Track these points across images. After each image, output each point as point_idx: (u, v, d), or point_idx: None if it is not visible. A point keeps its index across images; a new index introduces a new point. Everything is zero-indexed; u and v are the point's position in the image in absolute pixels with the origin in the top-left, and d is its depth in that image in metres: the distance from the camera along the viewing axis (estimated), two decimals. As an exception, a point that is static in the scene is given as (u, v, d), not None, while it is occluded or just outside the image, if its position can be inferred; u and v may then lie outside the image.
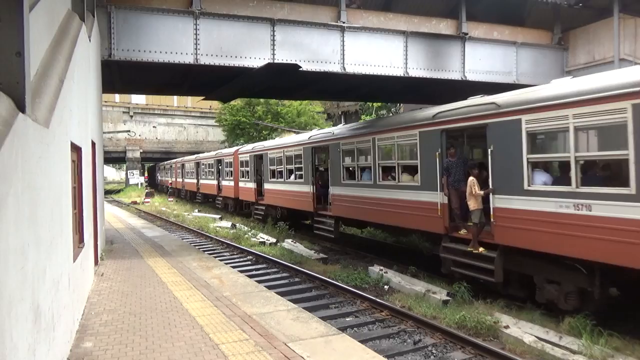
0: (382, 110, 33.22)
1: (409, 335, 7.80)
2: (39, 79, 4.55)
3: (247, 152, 24.14)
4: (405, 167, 11.87)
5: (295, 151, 18.06)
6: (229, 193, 27.14)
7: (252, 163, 22.79)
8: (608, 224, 6.87)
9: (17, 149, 3.17)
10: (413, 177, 11.49)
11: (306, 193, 16.77)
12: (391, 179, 12.30)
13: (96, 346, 5.57)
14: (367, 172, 13.36)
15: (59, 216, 4.93)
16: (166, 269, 10.23)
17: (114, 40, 11.82)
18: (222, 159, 28.69)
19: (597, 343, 6.72)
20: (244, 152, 24.72)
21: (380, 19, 14.27)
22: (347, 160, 14.61)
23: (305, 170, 17.02)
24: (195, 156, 38.52)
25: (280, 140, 22.07)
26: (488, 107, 8.99)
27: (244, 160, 24.47)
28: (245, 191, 24.14)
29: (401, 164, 11.88)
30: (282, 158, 19.26)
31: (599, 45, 15.43)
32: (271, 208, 21.04)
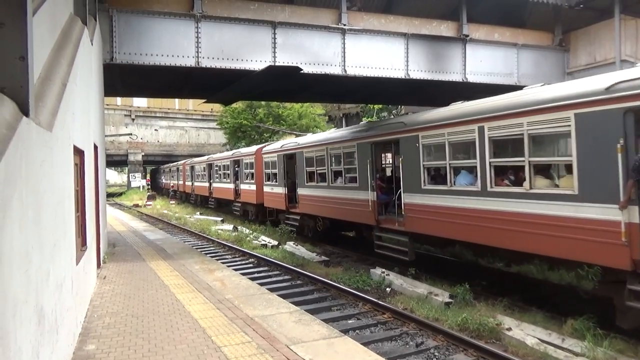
0: (383, 112, 33.25)
1: (411, 337, 7.80)
2: (42, 82, 4.58)
3: (274, 152, 20.49)
4: (541, 168, 8.40)
5: (347, 148, 14.19)
6: (249, 198, 23.71)
7: (282, 164, 19.17)
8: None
9: (21, 153, 3.19)
10: (555, 181, 8.39)
11: (363, 201, 13.27)
12: (513, 184, 8.81)
13: (99, 349, 5.58)
14: (466, 175, 9.80)
15: (62, 219, 4.94)
16: (168, 272, 10.24)
17: (115, 43, 11.87)
18: (241, 160, 25.06)
19: (601, 345, 6.71)
20: (270, 152, 20.95)
21: (381, 21, 14.31)
22: (430, 159, 10.82)
23: (361, 172, 13.33)
24: (207, 157, 35.26)
25: (321, 135, 17.95)
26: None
27: (270, 161, 20.79)
28: (272, 197, 20.56)
29: (535, 162, 8.19)
30: (324, 157, 15.53)
31: (600, 46, 15.44)
32: (308, 218, 17.64)
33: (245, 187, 24.27)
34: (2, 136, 2.85)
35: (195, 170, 37.37)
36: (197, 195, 37.52)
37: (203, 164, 34.46)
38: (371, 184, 12.88)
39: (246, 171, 24.14)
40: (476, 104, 9.73)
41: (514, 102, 8.59)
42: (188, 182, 40.67)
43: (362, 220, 13.61)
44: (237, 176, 25.74)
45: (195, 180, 37.43)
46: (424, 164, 10.67)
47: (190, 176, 39.64)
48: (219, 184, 29.89)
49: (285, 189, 18.97)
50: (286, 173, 18.99)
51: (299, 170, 17.72)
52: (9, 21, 3.28)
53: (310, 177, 16.88)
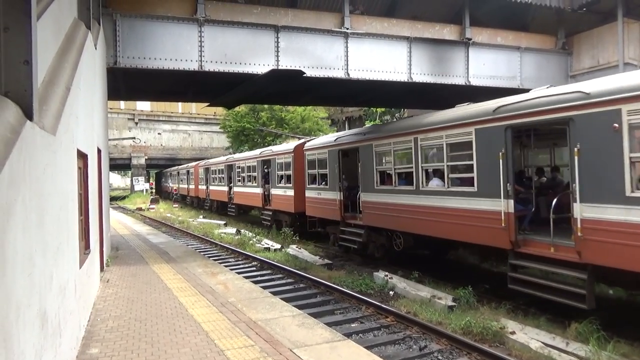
0: (385, 115, 33.26)
1: (414, 341, 7.77)
2: (46, 86, 4.60)
3: (323, 147, 16.44)
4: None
5: (459, 137, 10.07)
6: (283, 206, 19.94)
7: (335, 162, 15.21)
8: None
9: (25, 156, 3.20)
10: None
11: (488, 213, 9.23)
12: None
13: (102, 352, 5.58)
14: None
15: (66, 223, 4.96)
16: (171, 275, 10.25)
17: (119, 47, 11.92)
18: (273, 159, 21.17)
19: (605, 349, 6.67)
20: (318, 147, 16.89)
21: (383, 25, 14.32)
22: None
23: (491, 172, 9.18)
24: (226, 157, 31.57)
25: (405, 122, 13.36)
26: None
27: (317, 159, 16.91)
28: (319, 204, 16.56)
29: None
30: (411, 151, 11.46)
31: (603, 49, 15.42)
32: (376, 234, 13.59)
33: (279, 192, 20.31)
34: (6, 140, 2.86)
35: (211, 173, 33.49)
36: (214, 200, 33.52)
37: (221, 165, 30.71)
38: (507, 189, 8.88)
39: (280, 172, 20.20)
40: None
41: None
42: (202, 186, 36.61)
43: (487, 240, 9.49)
44: (267, 179, 22.07)
45: (211, 184, 33.47)
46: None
47: (204, 179, 35.75)
48: (241, 188, 26.00)
49: (340, 194, 14.89)
50: (341, 175, 15.06)
51: (365, 169, 13.61)
52: (14, 25, 3.31)
53: (382, 179, 13.03)
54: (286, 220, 20.18)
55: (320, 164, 16.63)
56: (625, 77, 7.41)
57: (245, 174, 25.24)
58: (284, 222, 20.35)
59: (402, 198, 11.96)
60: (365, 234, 13.86)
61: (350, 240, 14.63)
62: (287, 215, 19.98)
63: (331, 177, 15.64)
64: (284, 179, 19.87)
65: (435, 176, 11.16)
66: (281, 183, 20.10)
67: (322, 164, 16.49)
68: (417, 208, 11.41)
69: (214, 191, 32.82)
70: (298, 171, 18.53)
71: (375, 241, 13.82)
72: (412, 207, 11.59)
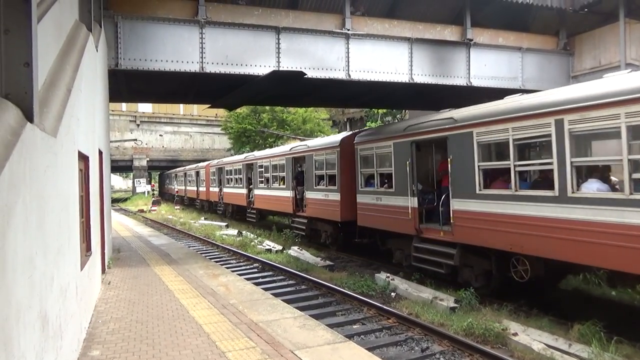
0: (387, 116, 33.25)
1: (416, 342, 7.75)
2: (47, 88, 4.60)
3: (386, 138, 12.91)
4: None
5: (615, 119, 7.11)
6: (325, 213, 16.14)
7: (405, 158, 11.75)
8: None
9: (25, 158, 3.20)
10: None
11: None
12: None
13: (103, 354, 5.58)
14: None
15: (67, 225, 4.95)
16: (173, 277, 10.25)
17: (120, 49, 11.94)
18: (308, 156, 17.49)
19: (607, 350, 6.65)
20: (377, 139, 13.35)
21: (384, 26, 14.32)
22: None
23: None
24: (244, 155, 27.90)
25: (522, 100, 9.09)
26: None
27: (371, 155, 13.54)
28: (380, 213, 13.04)
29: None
30: (551, 140, 8.11)
31: (605, 50, 15.39)
32: (477, 255, 10.02)
33: (317, 196, 16.72)
34: (6, 142, 2.86)
35: (226, 173, 29.88)
36: (228, 204, 29.80)
37: (238, 165, 27.28)
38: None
39: (319, 172, 16.75)
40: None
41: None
42: (214, 188, 33.01)
43: None
44: (300, 180, 18.66)
45: (226, 186, 29.82)
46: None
47: (216, 180, 32.24)
48: (265, 190, 22.47)
49: (413, 200, 11.68)
50: (413, 175, 11.74)
51: (459, 167, 10.07)
52: (14, 28, 3.31)
53: (485, 179, 9.73)
54: (327, 230, 16.57)
55: (381, 161, 13.26)
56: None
57: (269, 174, 21.63)
58: (324, 233, 16.78)
59: (532, 208, 8.45)
60: (458, 254, 10.13)
61: (432, 261, 10.99)
62: (328, 224, 16.42)
63: (399, 177, 12.23)
64: (326, 179, 16.29)
65: (593, 177, 7.83)
66: (320, 185, 16.58)
67: (383, 161, 13.15)
68: (564, 224, 7.84)
69: (229, 194, 28.98)
70: (346, 170, 15.04)
71: (473, 265, 10.10)
72: (553, 222, 8.02)
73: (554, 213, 8.03)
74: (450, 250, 10.45)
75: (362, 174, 14.24)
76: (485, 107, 9.86)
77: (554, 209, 8.05)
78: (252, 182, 24.33)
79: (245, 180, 25.59)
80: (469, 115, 10.02)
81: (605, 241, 7.17)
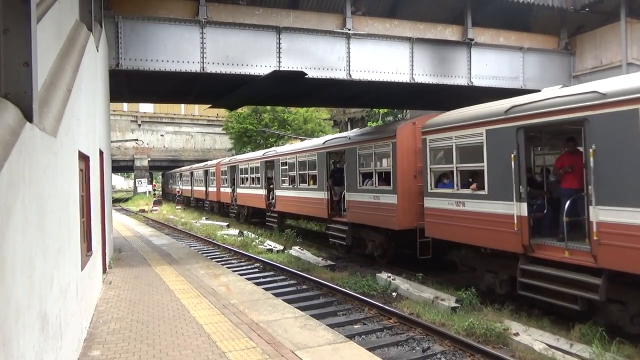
0: (388, 116, 33.23)
1: (417, 342, 7.74)
2: (47, 88, 4.60)
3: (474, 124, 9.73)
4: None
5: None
6: (374, 219, 13.27)
7: (513, 150, 8.70)
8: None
9: (25, 158, 3.19)
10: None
11: None
12: None
13: (104, 355, 5.57)
14: None
15: (67, 225, 4.95)
16: (173, 277, 10.24)
17: (121, 49, 11.94)
18: (349, 150, 14.72)
19: (609, 350, 6.63)
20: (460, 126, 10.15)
21: (385, 26, 14.30)
22: None
23: None
24: (262, 152, 24.54)
25: None
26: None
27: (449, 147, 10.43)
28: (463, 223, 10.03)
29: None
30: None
31: (607, 49, 15.35)
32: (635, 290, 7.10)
33: (363, 199, 13.76)
34: (5, 142, 2.85)
35: (240, 172, 26.97)
36: (242, 206, 26.94)
37: (255, 163, 24.50)
38: None
39: (365, 169, 13.97)
40: None
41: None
42: (225, 189, 30.11)
43: None
44: (337, 179, 16.16)
45: (240, 186, 26.99)
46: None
47: (228, 180, 29.34)
48: (288, 191, 19.69)
49: (521, 205, 8.58)
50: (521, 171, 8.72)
51: (617, 158, 7.01)
52: (14, 27, 3.30)
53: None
54: (375, 239, 13.72)
55: (465, 154, 10.15)
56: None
57: (296, 173, 18.86)
58: (371, 243, 13.95)
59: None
60: (604, 285, 7.11)
61: (554, 292, 7.90)
62: (377, 232, 13.57)
63: (495, 176, 9.16)
64: (375, 178, 13.38)
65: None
66: (367, 184, 13.79)
67: (468, 154, 10.08)
68: None
69: (244, 195, 26.16)
70: (406, 166, 12.19)
71: (627, 301, 7.19)
72: None
73: None
74: (591, 279, 7.32)
75: (432, 172, 11.03)
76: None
77: None
78: (273, 181, 21.92)
79: (264, 180, 22.85)
80: (634, 87, 6.79)
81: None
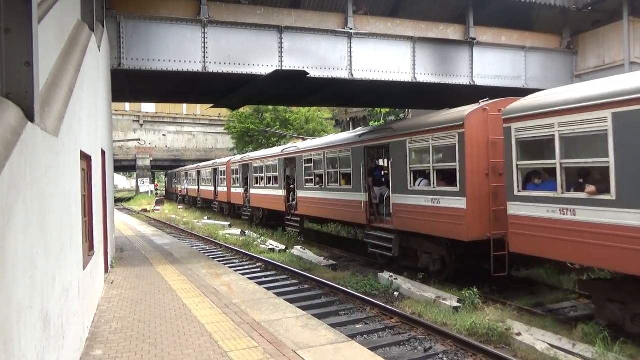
0: (390, 116, 33.19)
1: (419, 342, 7.73)
2: (49, 88, 4.60)
3: (597, 105, 7.05)
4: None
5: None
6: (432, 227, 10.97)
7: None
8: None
9: (26, 158, 3.19)
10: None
11: None
12: None
13: (106, 354, 5.58)
14: None
15: (69, 224, 4.95)
16: (175, 277, 10.25)
17: (123, 49, 11.95)
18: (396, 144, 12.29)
19: (612, 350, 6.61)
20: (566, 109, 7.56)
21: (387, 25, 14.28)
22: None
23: None
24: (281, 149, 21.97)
25: None
26: None
27: (556, 136, 7.73)
28: (577, 236, 7.40)
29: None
30: None
31: (609, 48, 15.30)
32: None
33: (415, 202, 11.47)
34: (7, 142, 2.85)
35: (254, 171, 24.53)
36: (256, 209, 24.43)
37: (272, 161, 22.00)
38: None
39: (418, 166, 11.67)
40: None
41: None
42: (236, 189, 27.71)
43: None
44: (378, 178, 14.29)
45: (254, 186, 24.46)
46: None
47: (240, 180, 26.90)
48: (313, 192, 17.33)
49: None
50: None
51: None
52: (15, 27, 3.30)
53: None
54: (431, 251, 11.44)
55: (572, 148, 7.77)
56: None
57: (323, 171, 16.61)
58: (425, 255, 11.62)
59: None
60: None
61: None
62: (434, 242, 11.24)
63: (629, 174, 6.73)
64: (433, 177, 10.97)
65: None
66: (421, 185, 11.40)
67: (579, 147, 7.77)
68: None
69: (259, 196, 23.69)
70: (475, 162, 10.00)
71: None
72: None
73: None
74: None
75: (520, 170, 8.66)
76: None
77: None
78: (294, 181, 19.58)
79: (282, 179, 20.65)
80: None
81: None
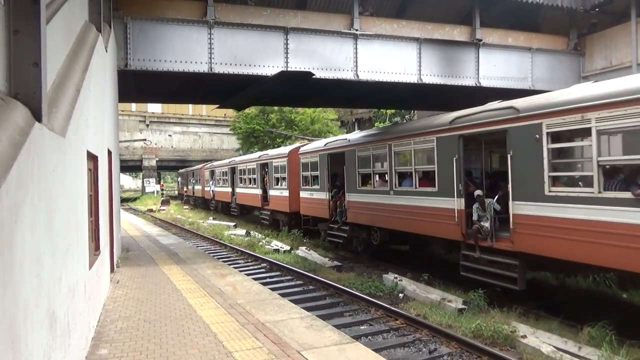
0: (395, 117, 33.15)
1: (424, 344, 7.71)
2: (56, 88, 4.63)
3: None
4: None
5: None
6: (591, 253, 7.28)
7: None
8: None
9: (34, 158, 3.21)
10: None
11: None
12: None
13: (111, 353, 5.60)
14: None
15: (75, 224, 4.98)
16: (181, 277, 10.28)
17: (130, 50, 12.01)
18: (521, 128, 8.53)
19: (618, 354, 6.57)
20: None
21: (393, 26, 14.27)
22: None
23: None
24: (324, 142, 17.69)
25: None
26: None
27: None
28: None
29: None
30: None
31: (616, 50, 15.22)
32: None
33: (561, 214, 7.83)
34: (15, 141, 2.87)
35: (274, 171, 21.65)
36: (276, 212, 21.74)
37: (313, 157, 17.99)
38: None
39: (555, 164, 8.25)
40: None
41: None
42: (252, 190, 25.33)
43: None
44: (477, 182, 11.60)
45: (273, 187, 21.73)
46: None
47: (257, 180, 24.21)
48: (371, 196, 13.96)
49: None
50: None
51: None
52: (23, 28, 3.32)
53: None
54: None
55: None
56: None
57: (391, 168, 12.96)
58: None
59: None
60: None
61: None
62: None
63: None
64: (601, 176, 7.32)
65: None
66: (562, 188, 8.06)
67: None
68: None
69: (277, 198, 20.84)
70: None
71: None
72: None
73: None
74: None
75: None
76: None
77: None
78: (344, 181, 15.67)
79: (322, 180, 17.15)
80: None
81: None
